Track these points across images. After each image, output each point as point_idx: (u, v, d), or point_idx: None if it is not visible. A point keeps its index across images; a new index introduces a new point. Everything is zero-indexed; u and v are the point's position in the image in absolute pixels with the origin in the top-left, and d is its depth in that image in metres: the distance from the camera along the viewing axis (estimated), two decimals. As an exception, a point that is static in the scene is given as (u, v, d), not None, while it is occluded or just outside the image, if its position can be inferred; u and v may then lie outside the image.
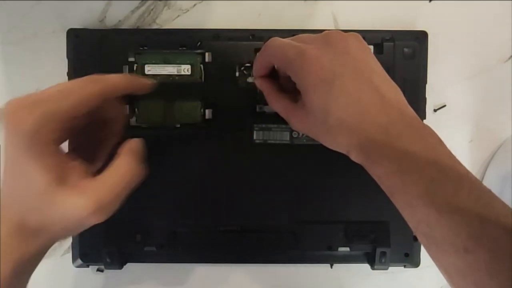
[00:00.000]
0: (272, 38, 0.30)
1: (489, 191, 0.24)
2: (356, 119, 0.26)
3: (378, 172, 0.26)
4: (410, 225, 0.26)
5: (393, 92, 0.28)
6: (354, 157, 0.27)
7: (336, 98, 0.26)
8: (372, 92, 0.27)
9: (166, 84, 0.36)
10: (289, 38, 0.30)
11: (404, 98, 0.28)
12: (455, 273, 0.24)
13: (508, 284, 0.21)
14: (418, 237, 0.26)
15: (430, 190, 0.24)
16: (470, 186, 0.24)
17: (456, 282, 0.24)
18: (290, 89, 0.31)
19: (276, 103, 0.31)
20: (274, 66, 0.31)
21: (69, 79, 0.37)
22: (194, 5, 0.39)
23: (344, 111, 0.26)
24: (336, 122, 0.27)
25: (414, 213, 0.25)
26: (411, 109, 0.28)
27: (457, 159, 0.25)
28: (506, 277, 0.21)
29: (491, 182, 0.39)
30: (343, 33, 0.29)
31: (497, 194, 0.24)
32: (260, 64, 0.31)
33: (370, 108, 0.26)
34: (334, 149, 0.28)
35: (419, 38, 0.37)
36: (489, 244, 0.22)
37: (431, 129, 0.26)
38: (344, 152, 0.28)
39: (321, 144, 0.29)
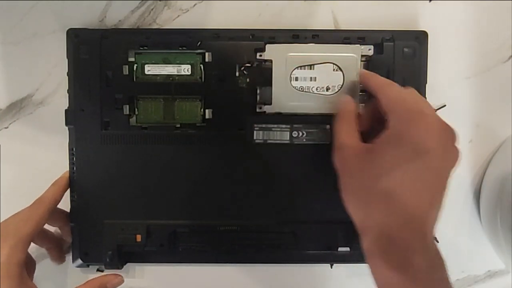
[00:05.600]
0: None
1: None
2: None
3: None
4: None
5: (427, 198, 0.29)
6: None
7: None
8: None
9: (166, 84, 0.37)
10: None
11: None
12: None
13: None
14: None
15: None
16: None
17: None
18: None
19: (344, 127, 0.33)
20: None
21: (69, 79, 0.37)
22: (194, 5, 0.39)
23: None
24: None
25: None
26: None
27: None
28: None
29: (491, 182, 0.39)
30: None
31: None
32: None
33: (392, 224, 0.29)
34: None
35: (419, 38, 0.37)
36: None
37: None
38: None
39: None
